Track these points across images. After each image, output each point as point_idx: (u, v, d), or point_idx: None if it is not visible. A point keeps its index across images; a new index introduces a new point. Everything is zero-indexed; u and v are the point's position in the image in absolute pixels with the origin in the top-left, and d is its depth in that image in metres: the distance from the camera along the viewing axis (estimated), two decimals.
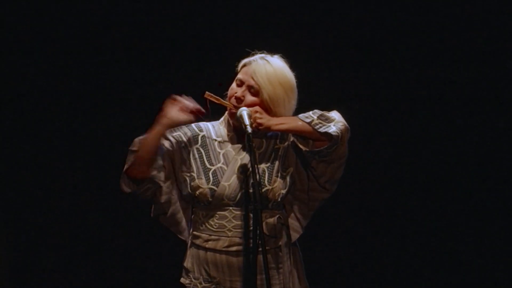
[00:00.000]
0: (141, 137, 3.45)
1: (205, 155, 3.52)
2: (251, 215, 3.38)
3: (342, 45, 5.21)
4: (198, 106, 3.43)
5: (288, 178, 3.51)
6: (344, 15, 5.20)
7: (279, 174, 3.50)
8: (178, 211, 3.55)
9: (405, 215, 5.28)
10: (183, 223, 3.57)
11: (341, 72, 5.22)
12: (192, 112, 3.42)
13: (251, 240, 3.38)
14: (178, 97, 3.43)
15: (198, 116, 3.45)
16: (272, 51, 3.52)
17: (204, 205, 3.49)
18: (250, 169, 3.33)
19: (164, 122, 3.41)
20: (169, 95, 3.44)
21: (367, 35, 5.21)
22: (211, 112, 3.56)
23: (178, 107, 3.41)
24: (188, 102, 3.43)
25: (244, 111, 3.40)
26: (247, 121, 3.37)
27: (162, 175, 3.49)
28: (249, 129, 3.34)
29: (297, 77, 3.50)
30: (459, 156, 5.26)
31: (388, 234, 5.29)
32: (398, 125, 5.25)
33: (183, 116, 3.41)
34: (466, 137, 5.25)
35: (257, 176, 3.27)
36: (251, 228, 3.38)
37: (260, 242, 3.25)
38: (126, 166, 3.44)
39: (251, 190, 3.36)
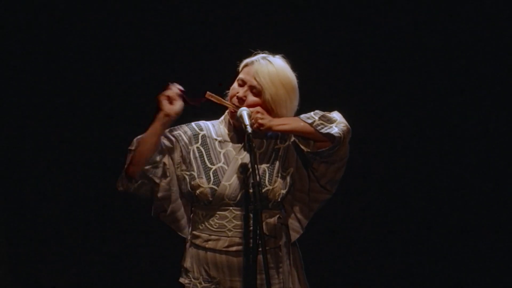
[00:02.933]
0: (139, 136, 3.45)
1: (206, 154, 3.51)
2: (251, 215, 3.38)
3: (343, 46, 5.21)
4: (177, 88, 3.40)
5: (288, 178, 3.51)
6: (346, 16, 5.20)
7: (280, 174, 3.50)
8: (179, 209, 3.54)
9: (405, 216, 5.28)
10: (184, 220, 3.56)
11: (343, 73, 5.22)
12: (178, 96, 3.39)
13: (251, 240, 3.38)
14: (166, 91, 3.41)
15: (184, 98, 3.41)
16: (273, 51, 3.52)
17: (204, 205, 3.48)
18: (251, 169, 3.33)
19: (160, 117, 3.40)
20: (159, 92, 3.43)
21: (369, 36, 5.21)
22: (211, 112, 3.56)
23: (167, 100, 3.39)
24: (172, 90, 3.41)
25: (244, 111, 3.40)
26: (247, 121, 3.36)
27: (158, 171, 3.47)
28: (249, 129, 3.33)
29: (298, 77, 3.50)
30: (459, 156, 5.26)
31: (388, 234, 5.29)
32: (399, 125, 5.25)
33: (174, 107, 3.39)
34: (465, 137, 5.24)
35: (257, 177, 3.26)
36: (251, 228, 3.37)
37: (260, 242, 3.24)
38: (125, 166, 3.44)
39: (251, 190, 3.35)
